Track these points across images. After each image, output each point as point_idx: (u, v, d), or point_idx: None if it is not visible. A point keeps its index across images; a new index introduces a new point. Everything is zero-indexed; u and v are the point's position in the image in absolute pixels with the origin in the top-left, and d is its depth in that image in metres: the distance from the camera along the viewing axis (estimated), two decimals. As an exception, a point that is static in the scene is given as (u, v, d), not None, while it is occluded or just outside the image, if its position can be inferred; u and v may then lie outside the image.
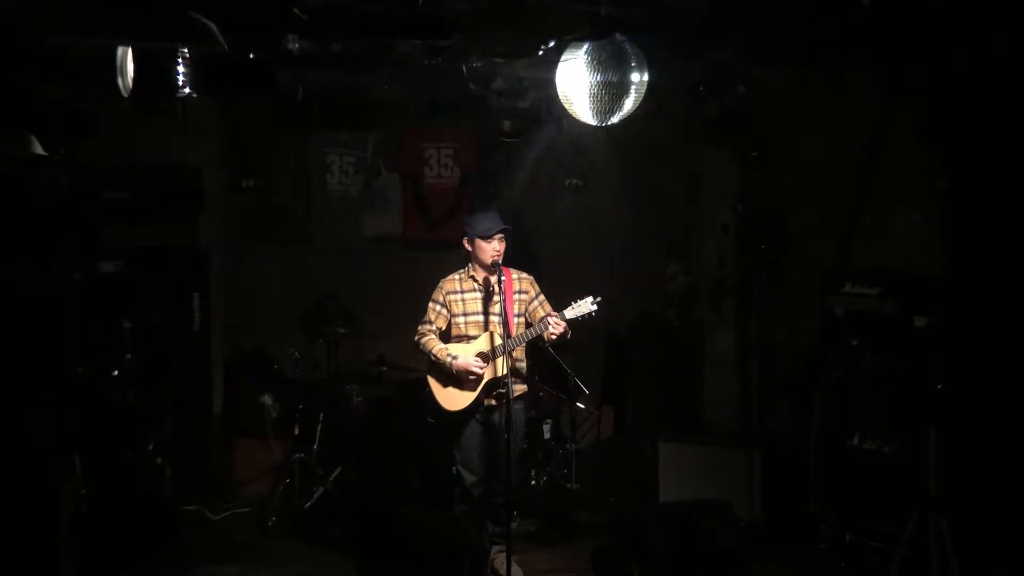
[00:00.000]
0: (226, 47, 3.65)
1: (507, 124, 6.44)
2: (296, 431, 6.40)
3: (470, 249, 5.17)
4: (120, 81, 4.39)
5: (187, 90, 4.72)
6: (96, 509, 5.21)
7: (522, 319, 5.20)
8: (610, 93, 4.27)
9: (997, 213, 4.97)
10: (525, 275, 5.29)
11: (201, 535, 6.03)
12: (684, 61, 5.17)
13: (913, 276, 5.43)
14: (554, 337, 5.00)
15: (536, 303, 5.23)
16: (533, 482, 6.40)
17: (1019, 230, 4.88)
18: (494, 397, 5.08)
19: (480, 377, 5.03)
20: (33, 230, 4.73)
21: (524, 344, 5.14)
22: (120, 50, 4.31)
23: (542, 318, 5.09)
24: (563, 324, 4.94)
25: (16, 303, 4.61)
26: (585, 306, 4.92)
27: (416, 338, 5.22)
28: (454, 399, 5.12)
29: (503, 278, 4.92)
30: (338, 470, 6.36)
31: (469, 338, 5.15)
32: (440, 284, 5.26)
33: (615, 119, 4.39)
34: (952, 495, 4.61)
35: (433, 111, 6.67)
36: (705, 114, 6.33)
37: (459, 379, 5.08)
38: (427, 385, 5.24)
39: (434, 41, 4.66)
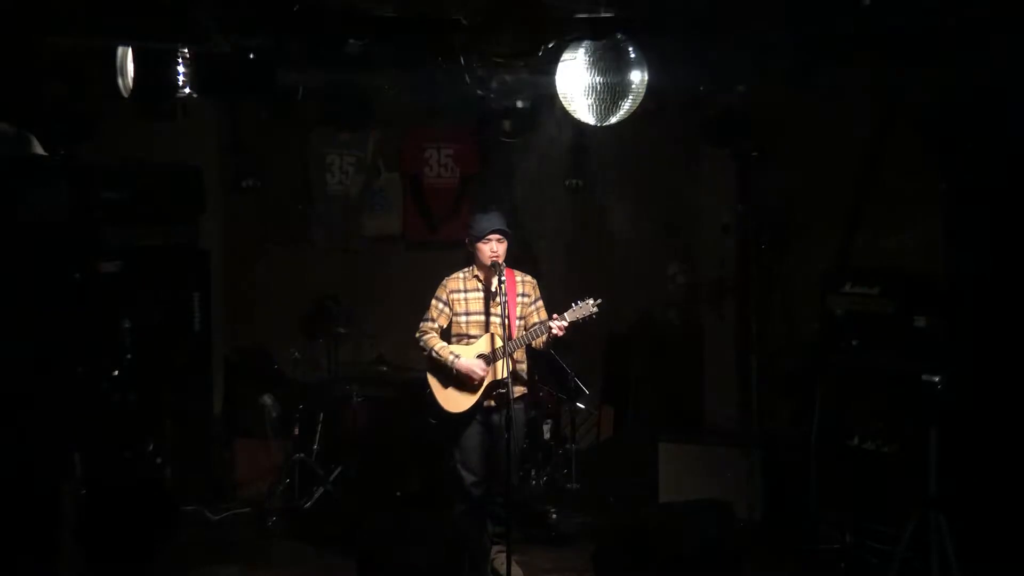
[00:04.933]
0: (226, 46, 3.66)
1: (507, 124, 6.44)
2: (296, 431, 6.39)
3: (472, 250, 5.17)
4: (120, 81, 4.40)
5: (187, 90, 4.72)
6: (96, 509, 5.20)
7: (523, 322, 5.19)
8: (610, 93, 4.28)
9: (997, 213, 4.97)
10: (529, 278, 5.28)
11: (201, 535, 6.03)
12: (684, 61, 5.17)
13: (913, 276, 5.43)
14: (558, 335, 4.93)
15: (532, 308, 5.22)
16: (533, 482, 6.40)
17: (1019, 230, 4.88)
18: (494, 398, 5.08)
19: (481, 380, 5.03)
20: (33, 230, 4.73)
21: (524, 346, 5.13)
22: (120, 50, 4.32)
23: (534, 324, 5.08)
24: (565, 326, 4.91)
25: (16, 303, 4.61)
26: (586, 308, 4.90)
27: (418, 335, 5.21)
28: (455, 401, 5.12)
29: (503, 279, 4.90)
30: (338, 470, 6.36)
31: (470, 338, 5.14)
32: (444, 282, 5.25)
33: (615, 119, 4.39)
34: (952, 495, 4.61)
35: (433, 111, 6.67)
36: (705, 114, 6.33)
37: (460, 380, 5.07)
38: (427, 385, 5.24)
39: (435, 41, 4.66)
